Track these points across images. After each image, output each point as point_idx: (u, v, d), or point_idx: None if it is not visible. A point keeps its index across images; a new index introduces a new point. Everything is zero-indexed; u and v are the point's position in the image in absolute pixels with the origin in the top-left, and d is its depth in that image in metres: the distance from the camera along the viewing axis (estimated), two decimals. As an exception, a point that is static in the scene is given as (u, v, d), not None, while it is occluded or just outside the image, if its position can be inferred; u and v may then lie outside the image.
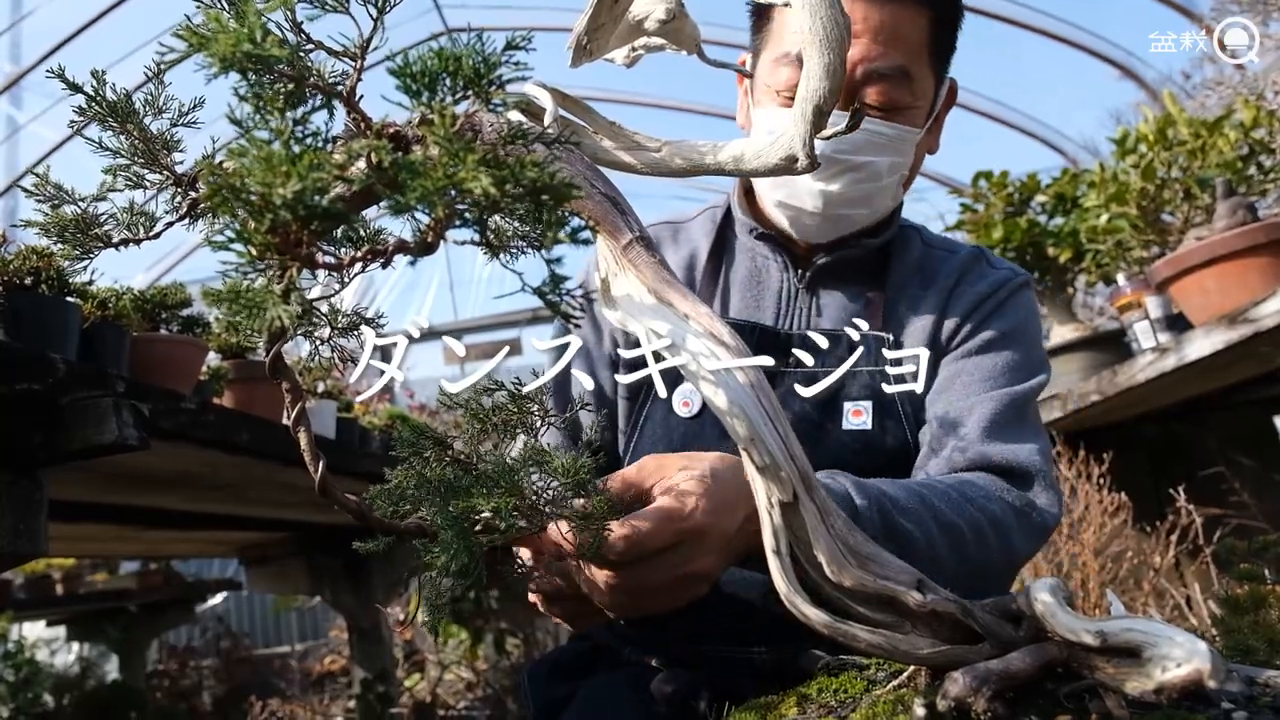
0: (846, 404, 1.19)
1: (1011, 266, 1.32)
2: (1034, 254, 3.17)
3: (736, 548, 0.84)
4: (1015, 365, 1.20)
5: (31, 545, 1.34)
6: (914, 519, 0.96)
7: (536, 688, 1.29)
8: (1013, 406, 1.16)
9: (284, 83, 0.51)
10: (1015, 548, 1.06)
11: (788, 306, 1.28)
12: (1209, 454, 2.75)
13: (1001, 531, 1.03)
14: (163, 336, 1.86)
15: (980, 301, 1.25)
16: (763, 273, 1.31)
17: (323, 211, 0.46)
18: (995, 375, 1.19)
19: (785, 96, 1.19)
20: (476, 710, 4.70)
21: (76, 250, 0.59)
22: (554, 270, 0.52)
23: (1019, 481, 1.11)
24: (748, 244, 1.34)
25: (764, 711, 0.70)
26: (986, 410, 1.15)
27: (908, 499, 0.98)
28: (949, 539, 0.98)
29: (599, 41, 0.75)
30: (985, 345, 1.21)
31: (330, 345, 0.66)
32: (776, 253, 1.31)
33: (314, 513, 3.10)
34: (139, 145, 0.59)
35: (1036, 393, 1.20)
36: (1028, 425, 1.17)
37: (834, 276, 1.28)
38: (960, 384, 1.19)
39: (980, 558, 1.01)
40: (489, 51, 0.50)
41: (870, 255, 1.29)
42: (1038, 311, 1.32)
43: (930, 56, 1.18)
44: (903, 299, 1.26)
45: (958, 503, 1.01)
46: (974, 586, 0.98)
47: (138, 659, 5.30)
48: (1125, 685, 0.53)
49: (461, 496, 0.64)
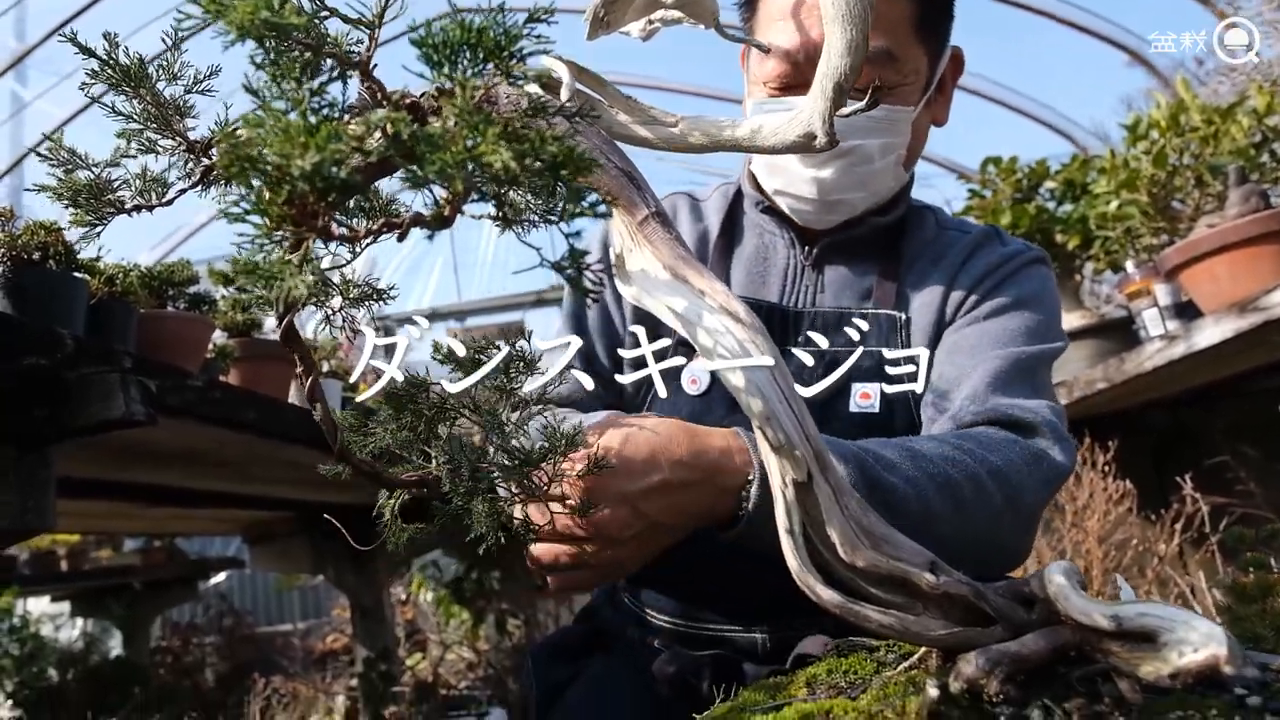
0: (855, 385, 1.17)
1: (1026, 244, 1.29)
2: (1042, 240, 3.16)
3: (651, 510, 0.87)
4: (1025, 330, 1.16)
5: (39, 520, 1.35)
6: (900, 474, 0.93)
7: (539, 669, 1.29)
8: (1020, 366, 1.12)
9: (300, 51, 0.50)
10: (1023, 497, 1.00)
11: (794, 284, 1.26)
12: (1215, 443, 2.75)
13: (1004, 481, 0.98)
14: (170, 314, 1.85)
15: (989, 271, 1.22)
16: (769, 249, 1.30)
17: (340, 183, 0.46)
18: (1003, 338, 1.15)
19: (772, 88, 1.18)
20: (478, 690, 4.72)
21: (89, 216, 0.58)
22: (573, 245, 0.52)
23: (1026, 432, 1.06)
24: (756, 220, 1.32)
25: (772, 692, 0.70)
26: (992, 367, 1.11)
27: (894, 454, 0.95)
28: (943, 492, 0.94)
29: (616, 14, 0.74)
30: (993, 312, 1.18)
31: (342, 316, 0.65)
32: (783, 229, 1.29)
33: (317, 492, 3.11)
34: (152, 110, 0.58)
35: (1049, 358, 1.16)
36: (1038, 385, 1.13)
37: (841, 254, 1.26)
38: (966, 347, 1.16)
39: (982, 509, 0.96)
40: (510, 24, 0.49)
41: (880, 234, 1.27)
42: (1054, 288, 1.27)
43: (918, 32, 1.15)
44: (912, 277, 1.24)
45: (952, 456, 0.97)
46: (982, 539, 0.98)
47: (141, 635, 5.33)
48: (1139, 670, 0.53)
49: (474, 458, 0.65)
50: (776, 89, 1.17)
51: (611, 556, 0.88)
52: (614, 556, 0.88)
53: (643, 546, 0.90)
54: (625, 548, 0.88)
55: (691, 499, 0.88)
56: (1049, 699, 0.55)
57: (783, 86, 1.16)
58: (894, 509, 0.89)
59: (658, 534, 0.90)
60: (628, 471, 0.85)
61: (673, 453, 0.88)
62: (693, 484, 0.87)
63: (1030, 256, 1.25)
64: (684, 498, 0.87)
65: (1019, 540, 1.06)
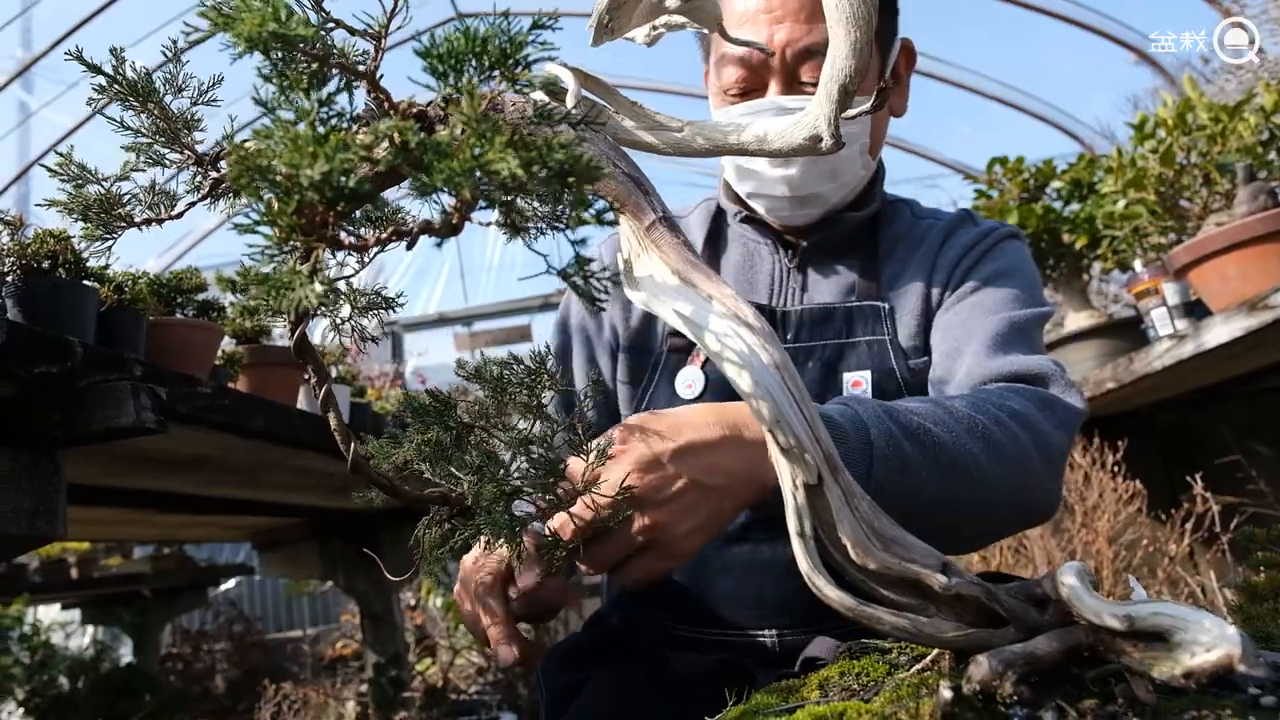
0: (846, 375, 1.21)
1: (999, 222, 1.34)
2: (1050, 240, 3.15)
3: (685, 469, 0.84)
4: (1013, 297, 1.20)
5: (50, 526, 1.35)
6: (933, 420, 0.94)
7: (549, 676, 1.29)
8: (1015, 327, 1.15)
9: (308, 62, 0.51)
10: (1048, 437, 1.02)
11: (780, 286, 1.30)
12: (1225, 442, 2.73)
13: (1026, 423, 1.00)
14: (179, 321, 1.86)
15: (968, 250, 1.26)
16: (755, 256, 1.34)
17: (349, 193, 0.46)
18: (993, 307, 1.19)
19: (731, 95, 1.23)
20: (488, 694, 4.72)
21: (100, 230, 0.59)
22: (579, 252, 0.52)
23: (1036, 383, 1.10)
24: (739, 231, 1.37)
25: (785, 694, 0.70)
26: (989, 332, 1.14)
27: (923, 406, 0.97)
28: (973, 434, 0.95)
29: (620, 20, 0.74)
30: (978, 285, 1.22)
31: (352, 325, 0.66)
32: (766, 236, 1.34)
33: (326, 497, 3.12)
34: (160, 124, 0.59)
35: (1040, 320, 1.20)
36: (1034, 344, 1.17)
37: (823, 253, 1.31)
38: (959, 322, 1.19)
39: (1012, 449, 0.97)
40: (515, 31, 0.49)
41: (857, 230, 1.31)
42: (1030, 259, 1.32)
43: None
44: (892, 266, 1.28)
45: (976, 404, 0.99)
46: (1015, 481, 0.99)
47: (151, 642, 5.35)
48: (1152, 670, 0.53)
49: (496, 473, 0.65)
50: (736, 95, 1.23)
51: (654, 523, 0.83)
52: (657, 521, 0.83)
53: (688, 513, 0.84)
54: (666, 510, 0.83)
55: (724, 457, 0.85)
56: (1062, 700, 0.54)
57: (741, 92, 1.22)
58: (932, 452, 0.91)
59: (708, 500, 0.85)
60: (652, 436, 0.85)
61: (693, 418, 0.87)
62: (720, 441, 0.86)
63: (1005, 232, 1.30)
64: (715, 455, 0.85)
65: (1050, 482, 1.06)
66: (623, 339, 1.35)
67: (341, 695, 4.46)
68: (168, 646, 5.81)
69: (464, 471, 0.71)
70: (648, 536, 0.83)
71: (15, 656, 4.79)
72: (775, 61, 1.19)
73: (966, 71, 7.74)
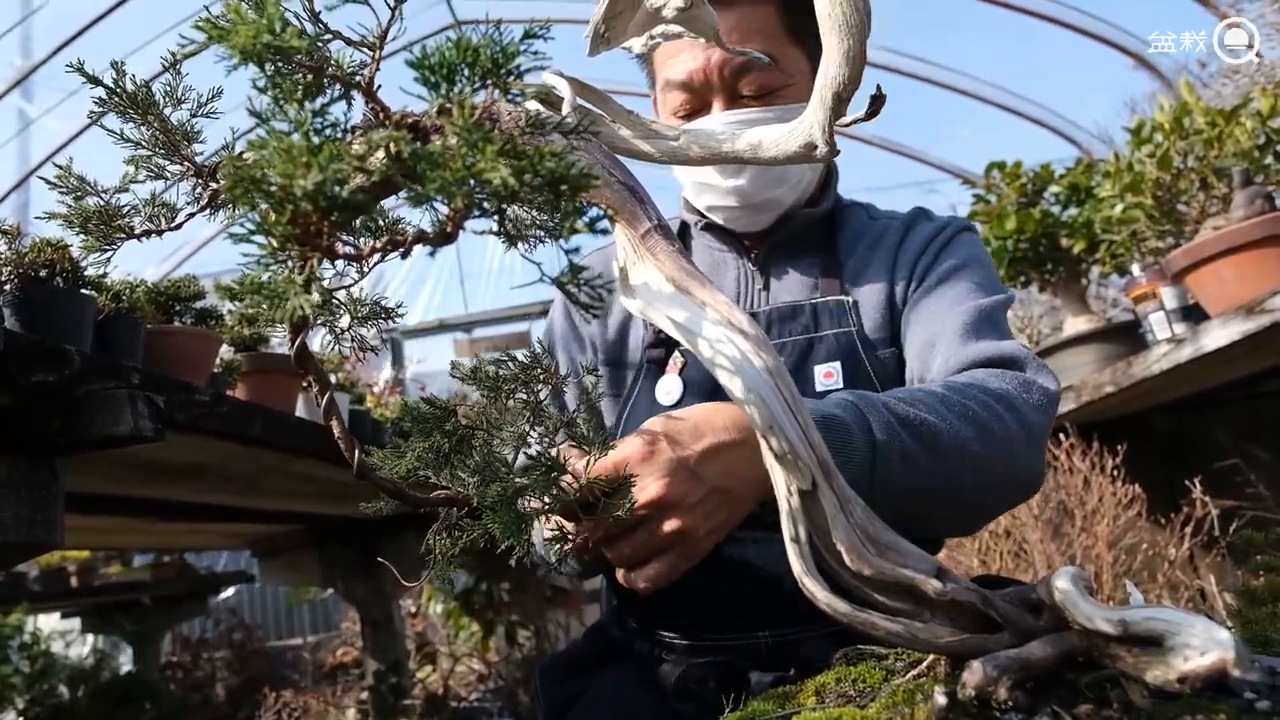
0: (816, 367, 1.23)
1: (952, 216, 1.39)
2: (1048, 245, 3.15)
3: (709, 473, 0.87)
4: (976, 285, 1.24)
5: (47, 534, 1.35)
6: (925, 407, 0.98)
7: (548, 686, 1.30)
8: (983, 315, 1.19)
9: (303, 73, 0.51)
10: (1030, 417, 1.06)
11: (747, 288, 1.35)
12: (1223, 446, 2.73)
13: (1009, 405, 1.04)
14: (177, 329, 1.86)
15: (926, 244, 1.31)
16: (720, 264, 1.38)
17: (343, 202, 0.46)
18: (959, 298, 1.22)
19: (679, 117, 1.29)
20: (488, 701, 4.72)
21: (99, 242, 0.59)
22: (572, 260, 0.52)
23: (1010, 366, 1.13)
24: (703, 242, 1.41)
25: (782, 701, 0.70)
26: (959, 322, 1.18)
27: (913, 394, 1.00)
28: (964, 418, 0.99)
29: (617, 29, 0.74)
30: (941, 278, 1.26)
31: (351, 335, 0.66)
32: (727, 242, 1.38)
33: (326, 504, 3.11)
34: (159, 136, 0.59)
35: (1004, 307, 1.24)
36: (1002, 330, 1.21)
37: (784, 253, 1.35)
38: (926, 315, 1.23)
39: (999, 430, 1.01)
40: (506, 41, 0.50)
41: (816, 229, 1.36)
42: (985, 250, 1.38)
43: (791, 35, 1.26)
44: (854, 262, 1.33)
45: (960, 390, 1.03)
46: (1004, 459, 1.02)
47: (151, 651, 5.33)
48: (1147, 674, 0.53)
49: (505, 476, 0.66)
50: (682, 117, 1.28)
51: (682, 527, 0.85)
52: (685, 526, 0.85)
53: (710, 517, 0.88)
54: (693, 514, 0.86)
55: (744, 460, 0.89)
56: (1057, 705, 0.54)
57: (687, 114, 1.28)
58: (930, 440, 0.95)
59: (727, 502, 0.89)
60: (677, 440, 0.87)
61: (714, 420, 0.91)
62: (739, 444, 0.89)
63: (960, 225, 1.35)
64: (735, 459, 0.89)
65: (1035, 460, 1.10)
66: (602, 353, 1.39)
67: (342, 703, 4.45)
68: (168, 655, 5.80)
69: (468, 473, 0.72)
70: (671, 539, 0.86)
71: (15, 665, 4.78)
72: (715, 80, 1.25)
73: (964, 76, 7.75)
